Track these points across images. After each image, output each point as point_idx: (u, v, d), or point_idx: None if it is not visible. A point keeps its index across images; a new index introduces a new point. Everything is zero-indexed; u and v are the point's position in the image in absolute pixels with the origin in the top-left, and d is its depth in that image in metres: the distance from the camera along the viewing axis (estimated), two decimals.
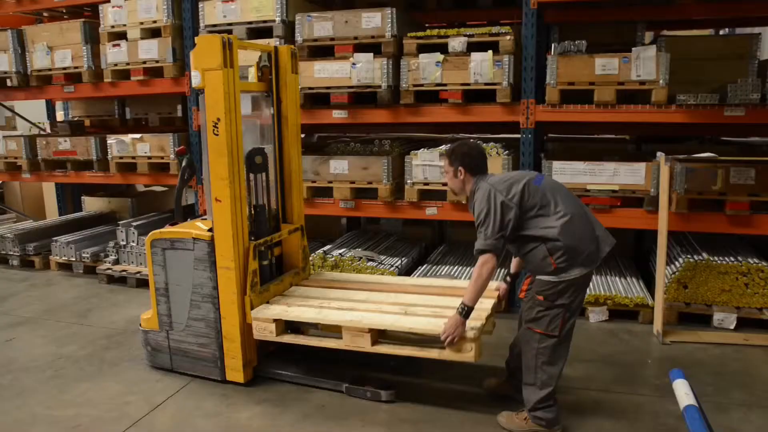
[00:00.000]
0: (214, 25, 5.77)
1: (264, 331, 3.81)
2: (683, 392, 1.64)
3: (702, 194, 4.69)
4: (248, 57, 5.26)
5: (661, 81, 4.66)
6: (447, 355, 3.39)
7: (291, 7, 5.61)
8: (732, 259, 4.92)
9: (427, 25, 6.71)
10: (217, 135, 3.70)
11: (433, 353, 3.49)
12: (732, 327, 4.77)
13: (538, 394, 3.27)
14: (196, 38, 3.75)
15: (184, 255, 3.95)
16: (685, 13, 6.12)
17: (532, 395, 3.30)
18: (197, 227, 3.98)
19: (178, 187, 4.60)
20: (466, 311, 3.25)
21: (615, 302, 4.96)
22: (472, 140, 3.43)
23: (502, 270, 5.33)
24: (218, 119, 3.68)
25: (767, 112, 4.59)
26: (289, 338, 3.85)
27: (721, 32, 8.75)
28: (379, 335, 3.67)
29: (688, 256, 4.96)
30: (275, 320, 3.77)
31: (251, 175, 4.04)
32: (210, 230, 3.87)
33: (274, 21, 5.57)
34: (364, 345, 3.57)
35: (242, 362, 3.89)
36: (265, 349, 4.16)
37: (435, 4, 6.69)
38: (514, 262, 3.74)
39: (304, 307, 3.89)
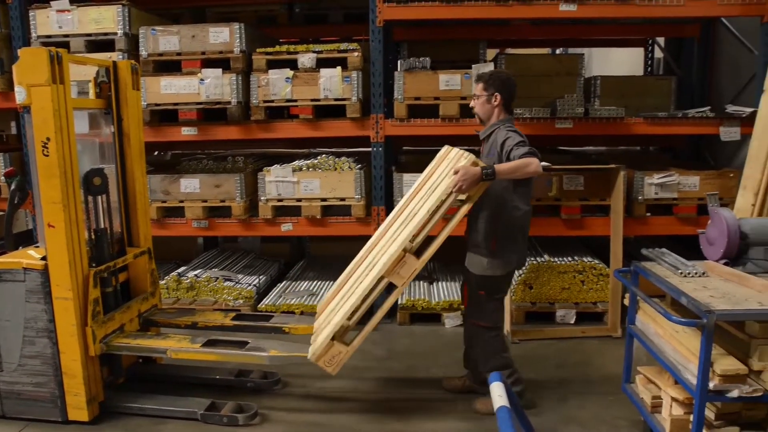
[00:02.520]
0: (49, 36, 5.37)
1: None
2: (497, 394, 1.74)
3: (540, 200, 5.05)
4: (90, 71, 4.97)
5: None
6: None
7: (135, 19, 5.36)
8: (570, 259, 5.33)
9: (282, 40, 6.69)
10: (47, 156, 3.44)
11: None
12: (572, 321, 5.16)
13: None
14: (19, 51, 3.46)
15: (13, 287, 3.61)
16: (522, 34, 6.62)
17: None
18: (29, 256, 3.66)
19: (7, 213, 4.24)
20: (489, 174, 3.23)
21: None
22: (507, 71, 3.79)
23: None
24: (48, 139, 3.42)
25: (590, 125, 5.06)
26: None
27: (558, 51, 9.52)
28: None
29: (532, 259, 5.31)
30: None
31: (90, 198, 3.79)
32: (44, 258, 3.58)
33: (116, 34, 5.30)
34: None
35: (86, 399, 3.62)
36: (113, 383, 3.92)
37: (286, 20, 6.68)
38: None
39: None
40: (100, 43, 5.38)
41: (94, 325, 3.60)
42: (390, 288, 3.49)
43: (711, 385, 2.70)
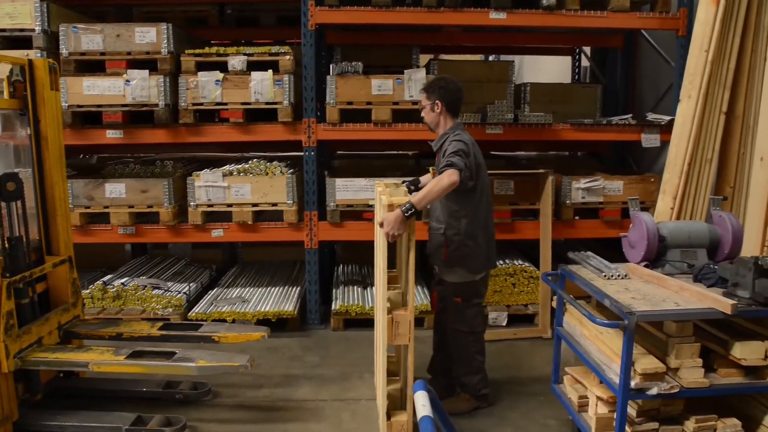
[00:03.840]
0: None
1: None
2: (421, 404, 1.74)
3: None
4: (4, 69, 4.70)
5: None
6: None
7: (54, 16, 5.14)
8: (501, 262, 5.41)
9: (212, 42, 6.56)
10: None
11: None
12: (504, 324, 5.24)
13: (476, 377, 3.78)
14: None
15: None
16: (454, 40, 6.71)
17: (472, 379, 3.78)
18: None
19: None
20: (410, 212, 3.20)
21: None
22: (449, 77, 3.77)
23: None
24: None
25: (519, 130, 5.18)
26: None
27: (490, 58, 9.72)
28: None
29: None
30: None
31: (3, 204, 3.59)
32: None
33: (33, 30, 5.06)
34: None
35: None
36: (29, 400, 3.71)
37: (217, 21, 6.55)
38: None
39: None
40: (16, 40, 5.12)
41: (7, 339, 3.40)
42: None
43: (632, 383, 2.80)
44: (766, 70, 4.10)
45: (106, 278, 5.53)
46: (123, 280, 5.42)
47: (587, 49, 7.42)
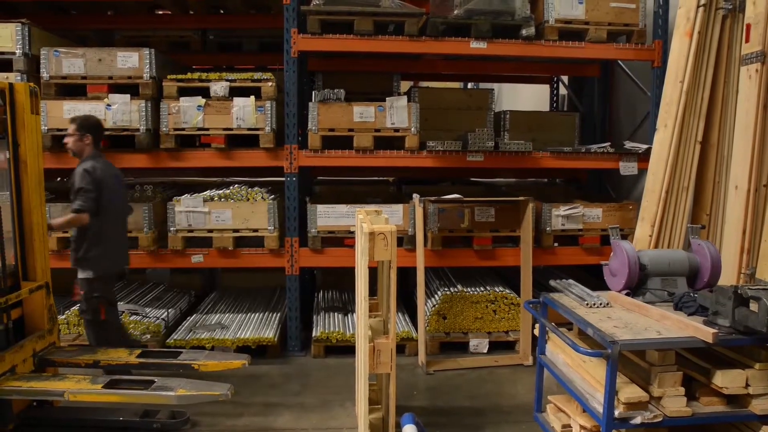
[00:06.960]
0: None
1: None
2: None
3: (453, 232, 5.15)
4: None
5: (413, 129, 5.05)
6: None
7: (36, 39, 5.11)
8: (482, 288, 5.43)
9: (194, 67, 6.55)
10: None
11: None
12: (485, 351, 5.24)
13: None
14: None
15: None
16: (434, 68, 6.79)
17: None
18: None
19: None
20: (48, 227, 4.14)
21: None
22: (95, 116, 4.60)
23: None
24: None
25: (500, 158, 5.23)
26: None
27: (469, 86, 9.84)
28: None
29: (446, 289, 5.37)
30: None
31: None
32: None
33: (14, 53, 5.03)
34: None
35: None
36: (1, 430, 3.61)
37: (200, 47, 6.56)
38: None
39: None
40: None
41: None
42: None
43: (616, 413, 2.80)
44: (739, 101, 4.20)
45: None
46: None
47: (565, 78, 7.56)
